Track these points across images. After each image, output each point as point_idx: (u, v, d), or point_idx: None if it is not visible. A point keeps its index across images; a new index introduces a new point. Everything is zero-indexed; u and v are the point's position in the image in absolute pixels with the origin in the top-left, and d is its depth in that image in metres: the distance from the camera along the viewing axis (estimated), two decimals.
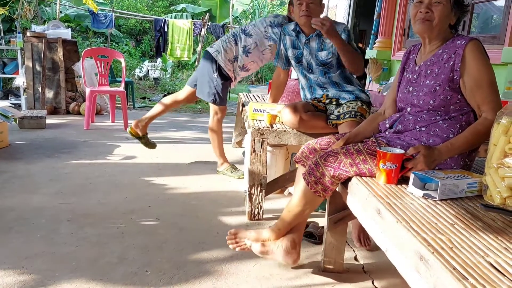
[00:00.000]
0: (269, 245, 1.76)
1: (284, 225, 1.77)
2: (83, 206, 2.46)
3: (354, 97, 2.49)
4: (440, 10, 1.52)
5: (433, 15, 1.52)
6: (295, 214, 1.73)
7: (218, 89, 3.12)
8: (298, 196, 1.70)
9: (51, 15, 10.94)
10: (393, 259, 1.11)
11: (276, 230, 1.79)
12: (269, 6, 14.61)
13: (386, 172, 1.40)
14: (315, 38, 2.49)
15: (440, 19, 1.53)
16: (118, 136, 4.36)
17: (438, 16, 1.52)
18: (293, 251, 1.76)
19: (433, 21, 1.53)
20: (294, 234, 1.78)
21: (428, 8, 1.53)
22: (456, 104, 1.54)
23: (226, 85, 3.19)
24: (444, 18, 1.53)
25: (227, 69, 3.12)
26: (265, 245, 1.76)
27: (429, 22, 1.53)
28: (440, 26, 1.54)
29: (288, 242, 1.76)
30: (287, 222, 1.76)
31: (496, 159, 1.24)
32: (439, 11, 1.52)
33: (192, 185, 2.97)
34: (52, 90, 5.52)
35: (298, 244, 1.79)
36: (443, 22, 1.54)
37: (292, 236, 1.77)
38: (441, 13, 1.52)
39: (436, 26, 1.54)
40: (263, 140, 2.39)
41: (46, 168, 3.12)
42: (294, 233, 1.78)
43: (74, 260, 1.84)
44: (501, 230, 1.08)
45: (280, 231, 1.78)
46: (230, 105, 7.84)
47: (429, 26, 1.54)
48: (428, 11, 1.53)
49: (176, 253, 1.96)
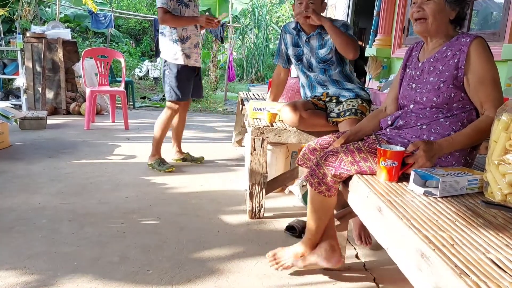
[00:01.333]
0: (310, 257, 1.77)
1: (312, 234, 1.77)
2: (84, 206, 2.46)
3: (354, 95, 2.49)
4: (432, 8, 1.52)
5: (425, 13, 1.53)
6: (314, 220, 1.73)
7: (173, 84, 3.13)
8: (310, 201, 1.70)
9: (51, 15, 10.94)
10: (394, 256, 1.11)
11: (308, 241, 1.79)
12: (268, 4, 14.59)
13: (387, 169, 1.40)
14: (315, 37, 2.48)
15: (434, 16, 1.52)
16: (118, 136, 4.36)
17: (431, 14, 1.52)
18: (334, 254, 1.76)
19: (427, 19, 1.53)
20: (329, 239, 1.78)
21: (420, 7, 1.53)
22: (459, 102, 1.53)
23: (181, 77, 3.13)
24: (437, 14, 1.52)
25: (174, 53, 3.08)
26: (306, 258, 1.77)
27: (424, 21, 1.54)
28: (436, 23, 1.54)
29: (326, 247, 1.76)
30: (313, 230, 1.75)
31: (496, 156, 1.24)
32: (430, 9, 1.52)
33: (192, 184, 2.97)
34: (53, 91, 5.52)
35: (337, 247, 1.78)
36: (438, 19, 1.53)
37: (327, 242, 1.77)
38: (433, 10, 1.52)
39: (432, 23, 1.53)
40: (263, 139, 2.39)
41: (47, 168, 3.12)
42: (329, 239, 1.78)
43: (76, 259, 1.84)
44: (502, 226, 1.07)
45: (311, 240, 1.78)
46: (229, 104, 7.85)
47: (425, 25, 1.54)
48: (420, 10, 1.53)
49: (177, 252, 1.96)
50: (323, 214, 1.71)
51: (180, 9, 3.06)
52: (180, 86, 3.14)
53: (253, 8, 13.84)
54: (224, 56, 11.33)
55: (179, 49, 3.10)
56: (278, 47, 2.72)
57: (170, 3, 2.99)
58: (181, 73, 3.13)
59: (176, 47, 3.10)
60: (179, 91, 3.14)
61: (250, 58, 13.52)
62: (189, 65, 3.16)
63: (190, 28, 3.13)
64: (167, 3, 2.98)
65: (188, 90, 3.22)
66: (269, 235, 2.21)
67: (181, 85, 3.14)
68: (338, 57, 2.49)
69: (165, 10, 2.98)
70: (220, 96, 8.76)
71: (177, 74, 3.12)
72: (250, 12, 14.14)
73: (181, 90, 3.15)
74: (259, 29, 13.71)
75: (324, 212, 1.70)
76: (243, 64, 13.52)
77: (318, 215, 1.71)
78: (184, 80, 3.16)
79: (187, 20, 3.09)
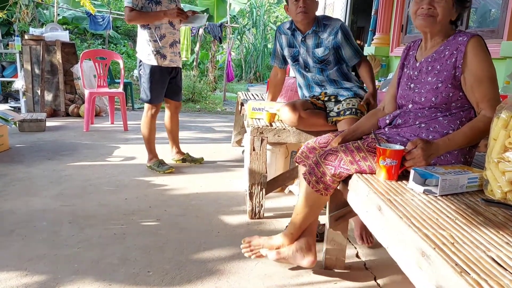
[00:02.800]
0: (284, 251, 1.77)
1: (295, 229, 1.77)
2: (84, 207, 2.46)
3: (352, 94, 2.48)
4: (443, 6, 1.51)
5: (436, 11, 1.52)
6: (303, 216, 1.73)
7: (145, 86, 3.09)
8: (303, 197, 1.70)
9: (49, 17, 10.94)
10: (394, 255, 1.11)
11: (289, 235, 1.79)
12: (266, 4, 14.59)
13: (387, 168, 1.40)
14: (311, 36, 2.47)
15: (443, 15, 1.52)
16: (117, 138, 4.36)
17: (442, 13, 1.51)
18: (309, 253, 1.76)
19: (436, 17, 1.52)
20: (308, 236, 1.78)
21: (431, 5, 1.52)
22: (458, 101, 1.53)
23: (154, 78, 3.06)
24: (447, 15, 1.52)
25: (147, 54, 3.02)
26: (280, 252, 1.77)
27: (432, 18, 1.53)
28: (443, 22, 1.54)
29: (303, 245, 1.76)
30: (297, 225, 1.76)
31: (496, 154, 1.24)
32: (442, 7, 1.51)
33: (192, 185, 2.96)
34: (51, 93, 5.52)
35: (313, 246, 1.79)
36: (446, 18, 1.54)
37: (305, 239, 1.77)
38: (444, 9, 1.51)
39: (440, 22, 1.53)
40: (263, 139, 2.38)
41: (46, 171, 3.12)
42: (307, 235, 1.78)
43: (76, 262, 1.84)
44: (502, 224, 1.07)
45: (293, 235, 1.78)
46: (228, 104, 7.84)
47: (432, 21, 1.53)
48: (431, 7, 1.52)
49: (178, 253, 1.96)
50: (313, 211, 1.72)
51: (151, 6, 2.96)
52: (151, 87, 3.07)
53: (251, 8, 13.83)
54: (222, 57, 11.33)
55: (152, 49, 3.02)
56: (274, 48, 2.72)
57: (137, 1, 2.92)
58: (154, 74, 3.05)
59: (149, 46, 3.03)
60: (150, 93, 3.07)
61: (248, 58, 13.52)
62: (163, 66, 3.08)
63: (164, 27, 3.03)
64: (133, 2, 2.91)
65: (160, 92, 3.14)
66: (269, 235, 2.20)
67: (153, 86, 3.07)
68: (336, 56, 2.48)
69: (131, 8, 2.91)
70: (219, 96, 8.76)
71: (149, 75, 3.04)
72: (248, 12, 14.13)
73: (152, 92, 3.08)
74: (257, 29, 13.71)
75: (315, 209, 1.71)
76: (241, 64, 13.51)
77: (308, 212, 1.71)
78: (157, 81, 3.08)
79: (154, 16, 2.96)
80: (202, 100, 7.82)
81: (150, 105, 3.14)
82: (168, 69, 3.14)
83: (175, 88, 3.29)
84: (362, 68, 2.47)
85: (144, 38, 3.05)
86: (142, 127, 3.23)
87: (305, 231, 1.78)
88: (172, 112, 3.39)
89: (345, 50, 2.44)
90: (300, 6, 2.38)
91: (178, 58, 3.20)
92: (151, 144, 3.27)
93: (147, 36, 3.03)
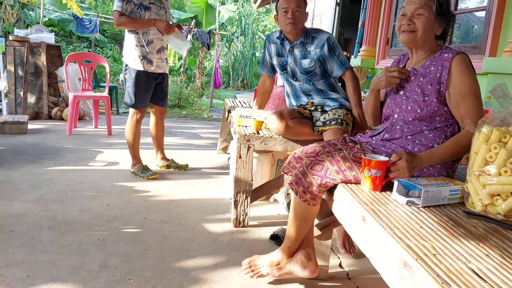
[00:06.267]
0: (285, 266, 1.77)
1: (291, 242, 1.77)
2: (64, 213, 2.41)
3: (339, 105, 2.51)
4: (423, 22, 1.55)
5: (416, 26, 1.56)
6: (296, 228, 1.73)
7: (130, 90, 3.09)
8: (292, 209, 1.70)
9: (35, 19, 10.80)
10: (377, 265, 1.11)
11: (286, 249, 1.78)
12: (255, 13, 14.69)
13: (371, 179, 1.42)
14: (299, 46, 2.50)
15: (424, 30, 1.56)
16: (101, 142, 4.30)
17: (421, 28, 1.55)
18: (310, 263, 1.76)
19: (417, 32, 1.56)
20: (306, 248, 1.78)
21: (411, 20, 1.57)
22: (442, 116, 1.56)
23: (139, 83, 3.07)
24: (427, 29, 1.56)
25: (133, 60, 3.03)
26: (280, 268, 1.77)
27: (413, 33, 1.57)
28: (424, 37, 1.57)
29: (302, 256, 1.76)
30: (293, 238, 1.75)
31: (477, 167, 1.26)
32: (421, 22, 1.55)
33: (176, 191, 2.94)
34: (34, 95, 5.43)
35: (313, 255, 1.78)
36: (427, 33, 1.57)
37: (304, 250, 1.77)
38: (424, 24, 1.55)
39: (421, 37, 1.57)
40: (249, 146, 2.38)
41: (27, 174, 3.05)
42: (306, 247, 1.78)
43: (55, 268, 1.80)
44: (482, 237, 1.09)
45: (290, 249, 1.78)
46: (215, 110, 7.83)
47: (413, 36, 1.57)
48: (410, 23, 1.57)
49: (160, 261, 1.94)
50: (305, 222, 1.71)
51: (140, 12, 2.97)
52: (136, 92, 3.07)
53: (240, 16, 13.91)
54: (210, 63, 11.33)
55: (139, 54, 3.03)
56: (263, 56, 2.74)
57: (126, 6, 2.92)
58: (140, 79, 3.06)
59: (135, 51, 3.03)
60: (134, 97, 3.07)
61: (236, 66, 13.56)
62: (149, 71, 3.08)
63: (152, 32, 3.04)
64: (122, 6, 2.91)
65: (145, 97, 3.14)
66: (253, 244, 2.21)
67: (138, 91, 3.07)
68: (322, 69, 2.51)
69: (120, 13, 2.92)
70: (206, 102, 8.74)
71: (135, 80, 3.05)
72: (237, 20, 14.20)
73: (137, 96, 3.08)
74: (246, 37, 13.78)
75: (306, 220, 1.71)
76: (229, 72, 13.54)
77: (300, 223, 1.71)
78: (142, 86, 3.08)
79: (143, 23, 2.97)
80: (188, 106, 7.79)
81: (135, 110, 3.13)
82: (154, 74, 3.14)
83: (161, 94, 3.28)
84: (346, 80, 2.51)
85: (131, 42, 3.04)
86: (126, 132, 3.21)
87: (303, 243, 1.77)
88: (157, 118, 3.37)
89: (329, 62, 2.48)
90: (289, 17, 2.41)
91: (165, 64, 3.21)
92: (135, 150, 3.24)
93: (134, 41, 3.03)
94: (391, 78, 1.63)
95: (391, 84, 1.65)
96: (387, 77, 1.64)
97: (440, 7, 1.55)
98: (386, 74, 1.64)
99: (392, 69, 1.63)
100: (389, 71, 1.63)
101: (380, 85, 1.70)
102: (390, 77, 1.63)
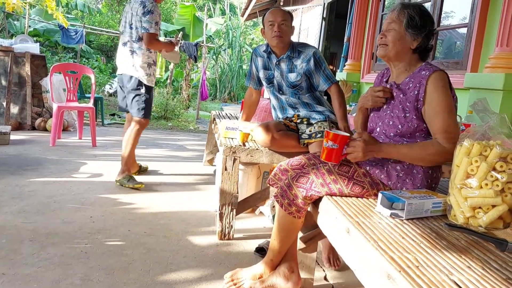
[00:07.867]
0: (268, 279, 1.76)
1: (274, 255, 1.76)
2: (46, 225, 2.36)
3: (324, 118, 2.54)
4: (392, 35, 1.61)
5: (387, 39, 1.63)
6: (280, 240, 1.72)
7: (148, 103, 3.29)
8: (277, 222, 1.70)
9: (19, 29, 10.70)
10: (361, 278, 1.12)
11: (269, 262, 1.78)
12: (242, 26, 14.82)
13: (327, 150, 1.50)
14: (285, 60, 2.53)
15: (394, 43, 1.61)
16: (85, 153, 4.25)
17: (391, 41, 1.62)
18: (292, 275, 1.75)
19: (388, 45, 1.62)
20: (290, 261, 1.77)
21: (383, 35, 1.64)
22: (422, 132, 1.59)
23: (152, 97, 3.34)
24: (396, 41, 1.61)
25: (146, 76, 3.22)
26: (264, 280, 1.76)
27: (385, 46, 1.64)
28: (395, 50, 1.62)
29: (285, 268, 1.76)
30: (276, 250, 1.75)
31: (459, 180, 1.29)
32: (391, 36, 1.62)
33: (160, 204, 2.91)
34: (18, 105, 5.35)
35: (296, 267, 1.78)
36: (398, 46, 1.61)
37: (287, 263, 1.77)
38: (393, 37, 1.61)
39: (391, 49, 1.62)
40: (235, 158, 2.38)
41: (8, 186, 2.99)
42: (289, 260, 1.78)
43: (36, 281, 1.76)
44: (464, 249, 1.11)
45: (273, 261, 1.78)
46: (201, 122, 7.82)
47: (384, 50, 1.64)
48: (382, 37, 1.64)
49: (143, 274, 1.91)
50: (289, 235, 1.71)
51: (159, 33, 3.24)
52: (151, 105, 3.38)
53: (227, 29, 14.01)
54: (197, 75, 11.35)
55: (153, 71, 3.28)
56: (249, 70, 2.76)
57: (156, 27, 3.13)
58: (152, 93, 3.34)
59: (150, 68, 3.26)
60: (150, 110, 3.36)
61: (223, 78, 13.61)
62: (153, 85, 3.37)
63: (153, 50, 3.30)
64: (156, 30, 3.13)
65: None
66: (239, 257, 2.19)
67: (151, 105, 3.38)
68: (308, 82, 2.54)
69: (155, 35, 3.14)
70: (192, 114, 8.73)
71: (150, 95, 3.29)
72: (225, 33, 14.30)
73: (151, 108, 3.41)
74: (233, 49, 13.86)
75: (291, 233, 1.71)
76: (216, 84, 13.58)
77: (284, 236, 1.71)
78: (152, 99, 3.40)
79: (165, 45, 3.31)
80: (174, 118, 7.77)
81: (146, 120, 3.30)
82: None
83: None
84: (332, 94, 2.54)
85: (146, 60, 3.22)
86: (128, 140, 3.27)
87: (286, 255, 1.77)
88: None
89: (315, 77, 2.51)
90: (275, 31, 2.44)
91: None
92: (131, 158, 3.34)
93: (151, 60, 3.25)
94: (376, 98, 1.67)
95: (377, 103, 1.68)
96: (373, 97, 1.68)
97: (411, 20, 1.59)
98: (371, 94, 1.69)
99: (376, 89, 1.67)
100: (374, 91, 1.67)
101: (366, 105, 1.74)
102: (375, 97, 1.67)
